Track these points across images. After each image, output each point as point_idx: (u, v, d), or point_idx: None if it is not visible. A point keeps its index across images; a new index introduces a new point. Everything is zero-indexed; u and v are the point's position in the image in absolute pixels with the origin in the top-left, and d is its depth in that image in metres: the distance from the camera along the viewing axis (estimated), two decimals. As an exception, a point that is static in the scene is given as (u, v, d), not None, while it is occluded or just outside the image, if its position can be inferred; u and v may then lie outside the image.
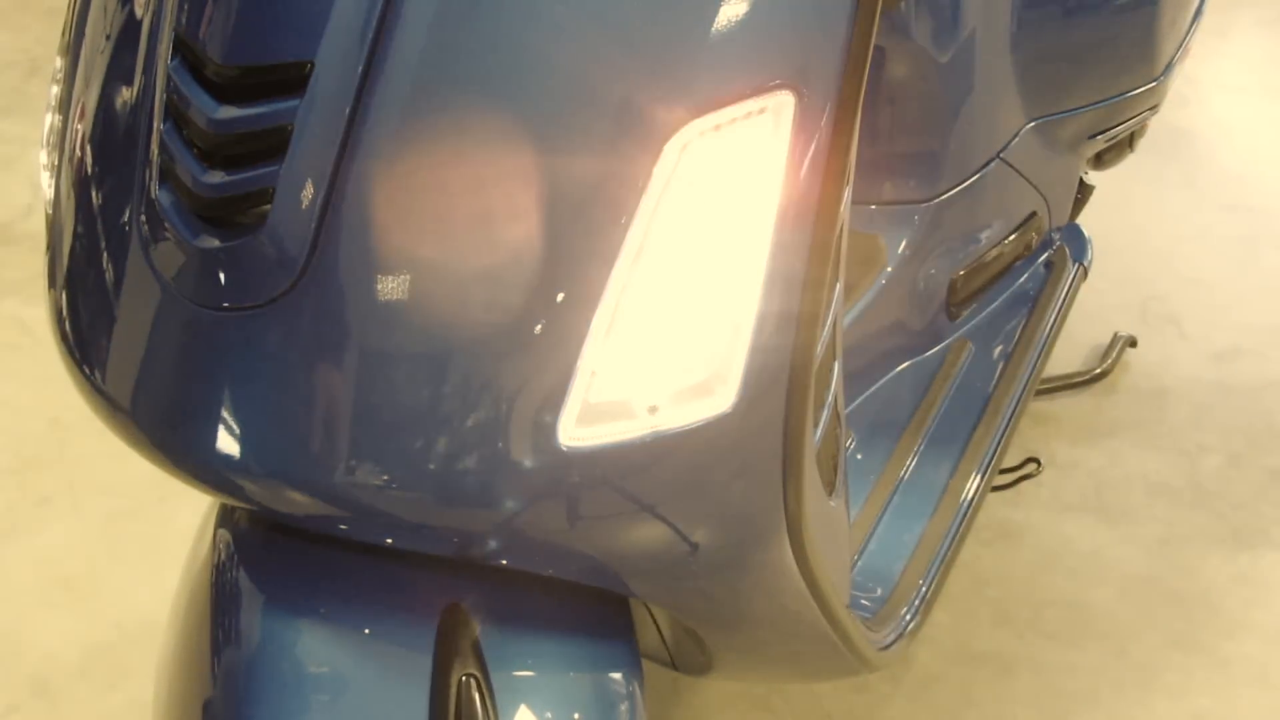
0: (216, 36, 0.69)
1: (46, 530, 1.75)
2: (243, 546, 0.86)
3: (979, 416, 1.50)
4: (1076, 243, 1.78)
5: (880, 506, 1.37)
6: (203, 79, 0.70)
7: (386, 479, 0.71)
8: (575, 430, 0.70)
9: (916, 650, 1.59)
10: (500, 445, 0.70)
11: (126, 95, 0.77)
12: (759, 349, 0.72)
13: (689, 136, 0.67)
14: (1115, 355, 2.01)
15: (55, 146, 0.84)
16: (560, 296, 0.68)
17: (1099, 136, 1.71)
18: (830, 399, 0.89)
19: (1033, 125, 1.59)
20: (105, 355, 0.77)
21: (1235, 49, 2.96)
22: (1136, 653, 1.61)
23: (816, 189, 0.71)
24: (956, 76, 1.46)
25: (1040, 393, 1.88)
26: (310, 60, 0.67)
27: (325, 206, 0.68)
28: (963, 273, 1.58)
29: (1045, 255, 1.74)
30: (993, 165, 1.54)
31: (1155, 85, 1.67)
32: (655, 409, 0.71)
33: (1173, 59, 1.69)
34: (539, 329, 0.68)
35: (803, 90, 0.69)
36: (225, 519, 0.89)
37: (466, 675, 0.80)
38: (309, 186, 0.68)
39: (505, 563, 0.79)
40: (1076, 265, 1.74)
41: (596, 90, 0.67)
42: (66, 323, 0.80)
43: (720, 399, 0.72)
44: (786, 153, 0.69)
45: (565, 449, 0.71)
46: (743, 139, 0.68)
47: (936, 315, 1.57)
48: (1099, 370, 2.00)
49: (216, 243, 0.70)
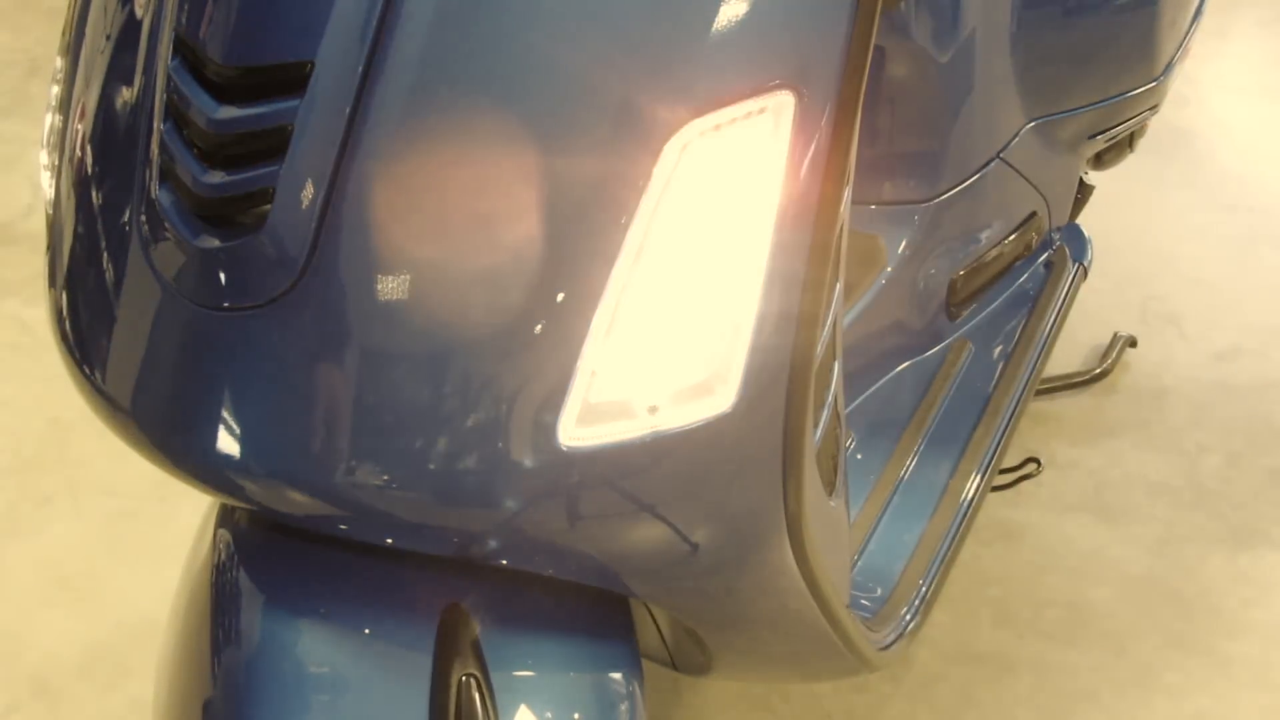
0: (216, 36, 0.69)
1: (46, 530, 1.75)
2: (243, 546, 0.86)
3: (979, 416, 1.50)
4: (1076, 243, 1.78)
5: (880, 506, 1.37)
6: (203, 79, 0.70)
7: (386, 479, 0.71)
8: (575, 430, 0.70)
9: (916, 650, 1.59)
10: (500, 445, 0.70)
11: (127, 95, 0.77)
12: (759, 349, 0.72)
13: (689, 136, 0.67)
14: (1115, 355, 2.01)
15: (55, 146, 0.84)
16: (560, 296, 0.68)
17: (1099, 136, 1.71)
18: (830, 399, 0.89)
19: (1033, 125, 1.59)
20: (105, 355, 0.77)
21: (1235, 49, 2.96)
22: (1136, 653, 1.61)
23: (816, 189, 0.71)
24: (956, 76, 1.46)
25: (1040, 393, 1.88)
26: (310, 60, 0.67)
27: (325, 206, 0.68)
28: (963, 273, 1.58)
29: (1045, 255, 1.74)
30: (993, 165, 1.54)
31: (1155, 85, 1.67)
32: (655, 409, 0.71)
33: (1173, 59, 1.69)
34: (539, 329, 0.68)
35: (803, 90, 0.69)
36: (225, 519, 0.89)
37: (466, 675, 0.80)
38: (309, 186, 0.68)
39: (505, 563, 0.79)
40: (1076, 265, 1.74)
41: (597, 90, 0.67)
42: (67, 323, 0.80)
43: (720, 399, 0.72)
44: (786, 153, 0.69)
45: (565, 449, 0.71)
46: (743, 139, 0.68)
47: (936, 315, 1.57)
48: (1099, 370, 2.00)
49: (217, 243, 0.70)
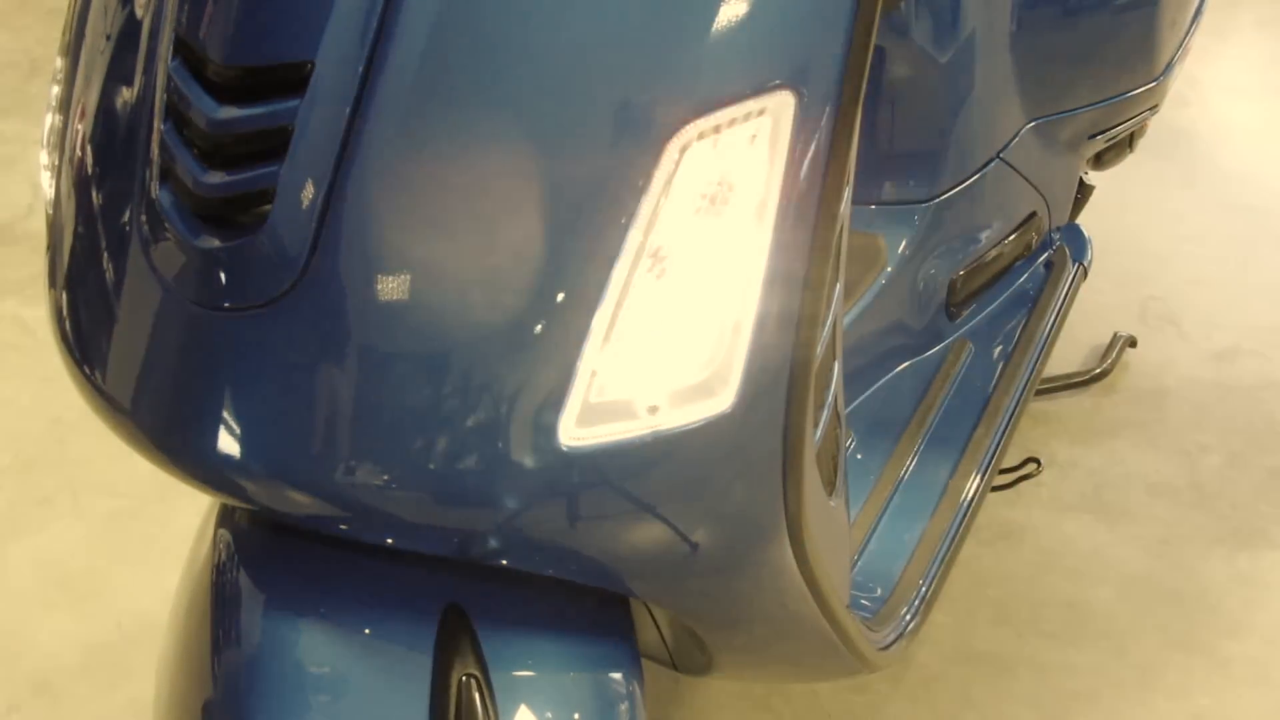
0: (217, 37, 0.69)
1: (46, 530, 1.75)
2: (243, 546, 0.86)
3: (979, 416, 1.50)
4: (1076, 243, 1.78)
5: (880, 506, 1.37)
6: (203, 79, 0.70)
7: (387, 479, 0.71)
8: (575, 430, 0.70)
9: (916, 650, 1.59)
10: (500, 445, 0.70)
11: (127, 95, 0.77)
12: (759, 349, 0.72)
13: (689, 137, 0.67)
14: (1115, 355, 2.01)
15: (55, 146, 0.84)
16: (560, 297, 0.68)
17: (1099, 136, 1.71)
18: (830, 399, 0.89)
19: (1033, 125, 1.59)
20: (105, 355, 0.77)
21: (1235, 49, 2.96)
22: (1136, 653, 1.61)
23: (816, 189, 0.71)
24: (956, 76, 1.46)
25: (1040, 393, 1.88)
26: (310, 60, 0.67)
27: (325, 206, 0.68)
28: (963, 273, 1.58)
29: (1045, 255, 1.74)
30: (993, 165, 1.54)
31: (1155, 85, 1.67)
32: (655, 409, 0.71)
33: (1173, 59, 1.69)
34: (539, 329, 0.69)
35: (803, 90, 0.69)
36: (225, 519, 0.89)
37: (466, 675, 0.80)
38: (309, 187, 0.68)
39: (505, 563, 0.79)
40: (1076, 265, 1.74)
41: (597, 91, 0.67)
42: (67, 323, 0.80)
43: (720, 399, 0.72)
44: (786, 153, 0.69)
45: (565, 449, 0.71)
46: (743, 140, 0.68)
47: (936, 315, 1.57)
48: (1099, 370, 2.00)
49: (217, 243, 0.70)
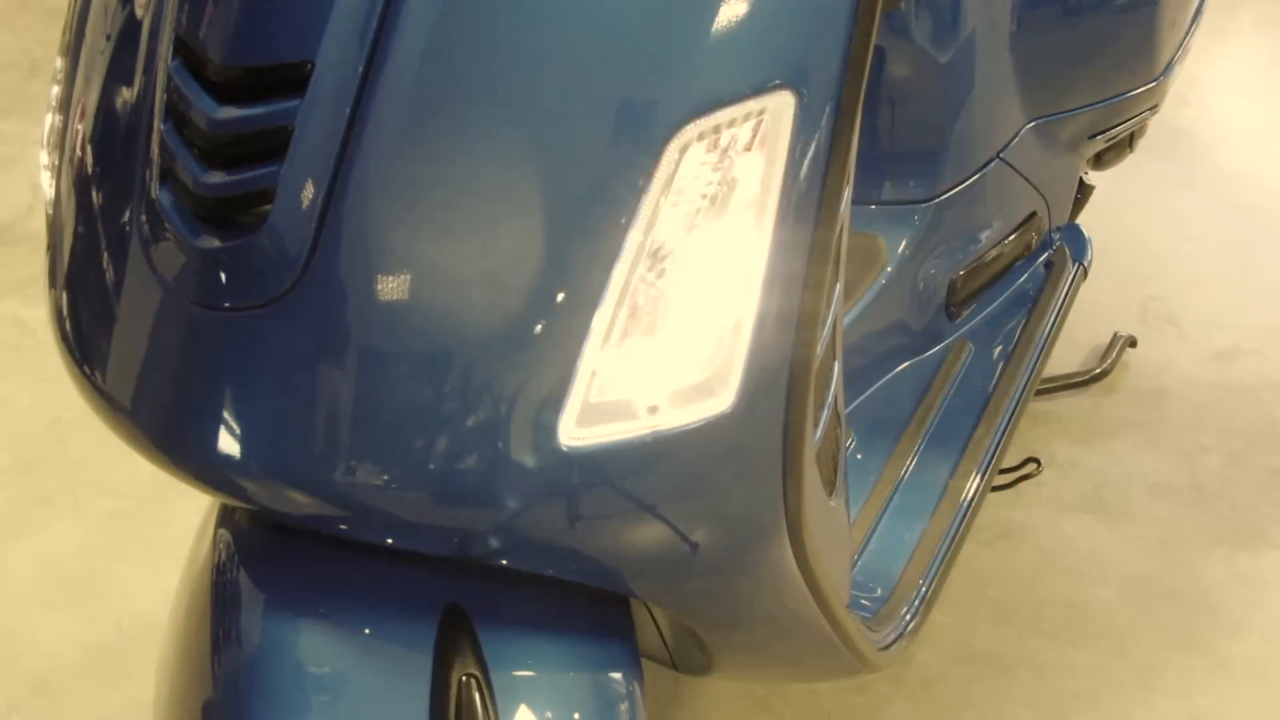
0: (217, 36, 0.69)
1: (46, 530, 1.75)
2: (243, 546, 0.86)
3: (979, 416, 1.50)
4: (1076, 243, 1.78)
5: (880, 506, 1.37)
6: (203, 79, 0.70)
7: (386, 479, 0.71)
8: (575, 430, 0.70)
9: (916, 650, 1.59)
10: (500, 445, 0.70)
11: (127, 95, 0.77)
12: (759, 349, 0.72)
13: (689, 137, 0.67)
14: (1115, 355, 2.01)
15: (56, 146, 0.84)
16: (560, 297, 0.68)
17: (1099, 136, 1.71)
18: (830, 399, 0.89)
19: (1033, 125, 1.59)
20: (105, 355, 0.77)
21: (1235, 49, 2.96)
22: (1136, 653, 1.61)
23: (816, 189, 0.71)
24: (956, 76, 1.46)
25: (1040, 393, 1.88)
26: (311, 60, 0.67)
27: (325, 206, 0.68)
28: (963, 273, 1.58)
29: (1045, 255, 1.74)
30: (993, 165, 1.54)
31: (1155, 85, 1.67)
32: (655, 409, 0.71)
33: (1173, 59, 1.69)
34: (539, 329, 0.69)
35: (803, 90, 0.69)
36: (225, 519, 0.89)
37: (466, 675, 0.80)
38: (309, 186, 0.68)
39: (505, 563, 0.79)
40: (1076, 265, 1.74)
41: (597, 91, 0.67)
42: (67, 323, 0.80)
43: (720, 399, 0.72)
44: (786, 153, 0.69)
45: (565, 449, 0.71)
46: (743, 140, 0.68)
47: (936, 315, 1.57)
48: (1099, 370, 2.00)
49: (217, 243, 0.70)
